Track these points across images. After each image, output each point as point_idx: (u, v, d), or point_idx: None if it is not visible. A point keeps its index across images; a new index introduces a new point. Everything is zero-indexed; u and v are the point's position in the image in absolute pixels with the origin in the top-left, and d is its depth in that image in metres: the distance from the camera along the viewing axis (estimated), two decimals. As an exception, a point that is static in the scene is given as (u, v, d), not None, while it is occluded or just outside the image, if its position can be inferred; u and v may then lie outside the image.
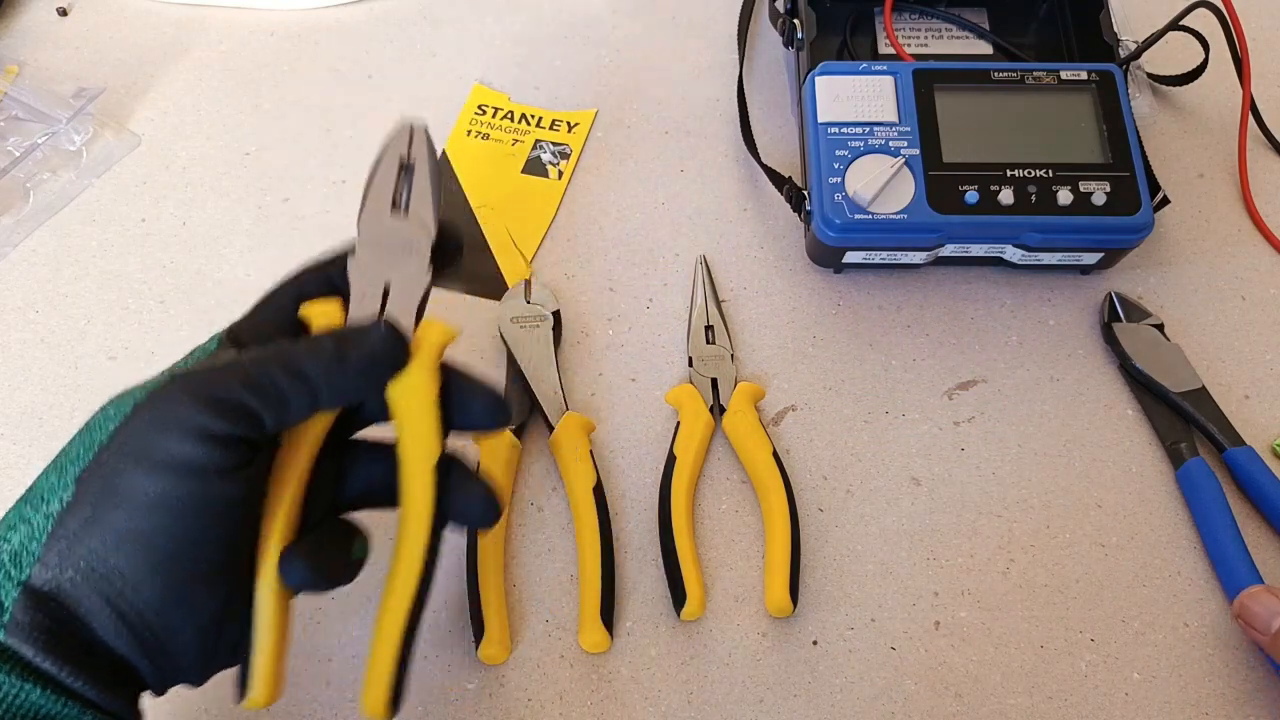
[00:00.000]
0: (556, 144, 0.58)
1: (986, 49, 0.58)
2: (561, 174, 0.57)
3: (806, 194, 0.50)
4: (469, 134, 0.58)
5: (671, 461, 0.47)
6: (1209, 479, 0.46)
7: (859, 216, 0.48)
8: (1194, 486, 0.46)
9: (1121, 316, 0.51)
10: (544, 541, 0.46)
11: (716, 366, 0.50)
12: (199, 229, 0.55)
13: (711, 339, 0.51)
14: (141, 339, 0.52)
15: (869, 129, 0.49)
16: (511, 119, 0.59)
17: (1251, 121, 0.57)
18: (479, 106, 0.59)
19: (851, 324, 0.52)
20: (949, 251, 0.50)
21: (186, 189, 0.56)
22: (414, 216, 0.36)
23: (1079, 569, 0.45)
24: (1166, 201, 0.51)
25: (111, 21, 0.63)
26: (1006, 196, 0.48)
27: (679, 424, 0.48)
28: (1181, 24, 0.54)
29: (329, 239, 0.53)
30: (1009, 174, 0.48)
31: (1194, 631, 0.44)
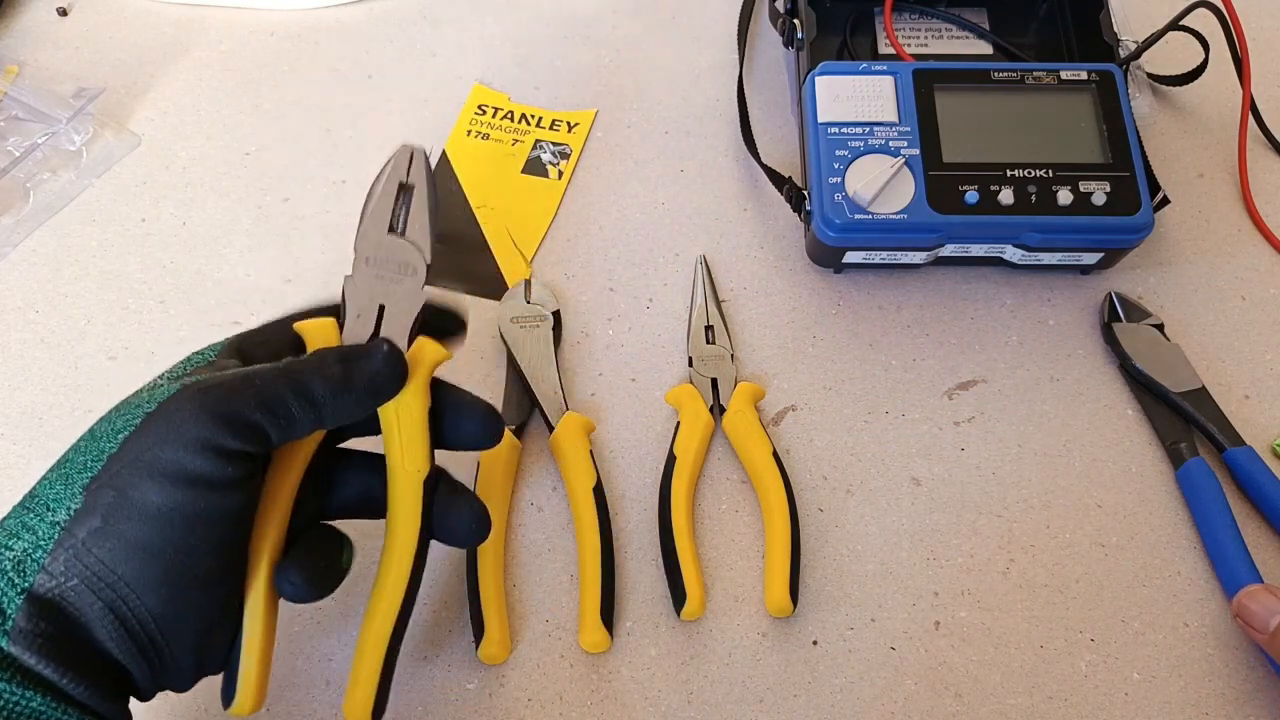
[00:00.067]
0: (556, 144, 0.58)
1: (986, 49, 0.58)
2: (561, 174, 0.57)
3: (806, 194, 0.50)
4: (469, 134, 0.58)
5: (671, 461, 0.47)
6: (1209, 479, 0.46)
7: (859, 216, 0.48)
8: (1194, 486, 0.46)
9: (1121, 316, 0.51)
10: (544, 541, 0.46)
11: (716, 366, 0.50)
12: (199, 229, 0.55)
13: (711, 339, 0.51)
14: (141, 339, 0.52)
15: (869, 129, 0.49)
16: (511, 119, 0.59)
17: (1251, 121, 0.57)
18: (479, 106, 0.59)
19: (851, 324, 0.52)
20: (949, 251, 0.50)
21: (186, 189, 0.56)
22: (410, 238, 0.37)
23: (1079, 569, 0.45)
24: (1166, 201, 0.51)
25: (111, 21, 0.63)
26: (1006, 196, 0.48)
27: (679, 424, 0.48)
28: (1181, 24, 0.54)
29: (329, 239, 0.54)
30: (1009, 174, 0.48)
31: (1194, 631, 0.44)
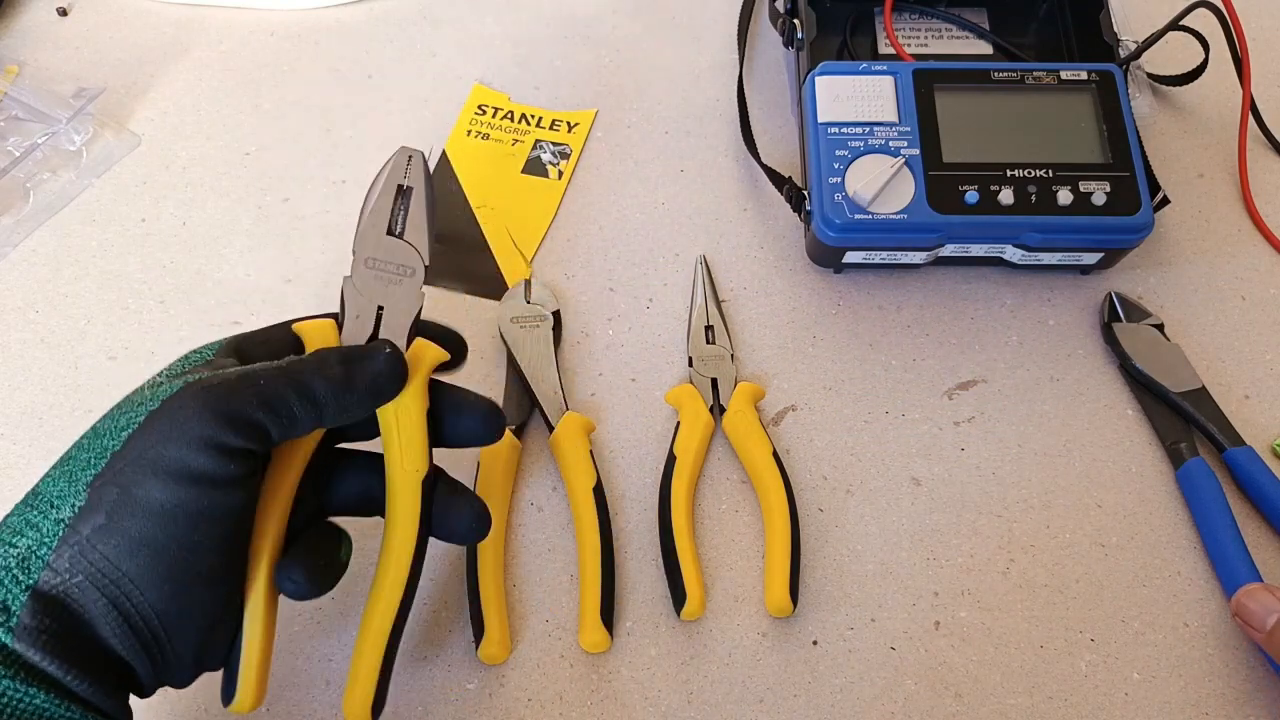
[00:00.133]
0: (556, 144, 0.58)
1: (986, 49, 0.58)
2: (561, 174, 0.57)
3: (806, 194, 0.50)
4: (469, 134, 0.58)
5: (671, 461, 0.47)
6: (1209, 479, 0.46)
7: (859, 216, 0.48)
8: (1194, 486, 0.46)
9: (1121, 316, 0.51)
10: (544, 541, 0.46)
11: (716, 366, 0.50)
12: (199, 229, 0.55)
13: (711, 339, 0.51)
14: (141, 339, 0.52)
15: (869, 129, 0.49)
16: (511, 119, 0.59)
17: (1251, 121, 0.57)
18: (479, 106, 0.59)
19: (851, 324, 0.52)
20: (949, 251, 0.50)
21: (186, 189, 0.56)
22: (409, 240, 0.38)
23: (1079, 569, 0.45)
24: (1166, 201, 0.51)
25: (111, 21, 0.63)
26: (1006, 196, 0.48)
27: (679, 424, 0.48)
28: (1181, 24, 0.54)
29: (329, 239, 0.54)
30: (1009, 174, 0.48)
31: (1194, 631, 0.44)
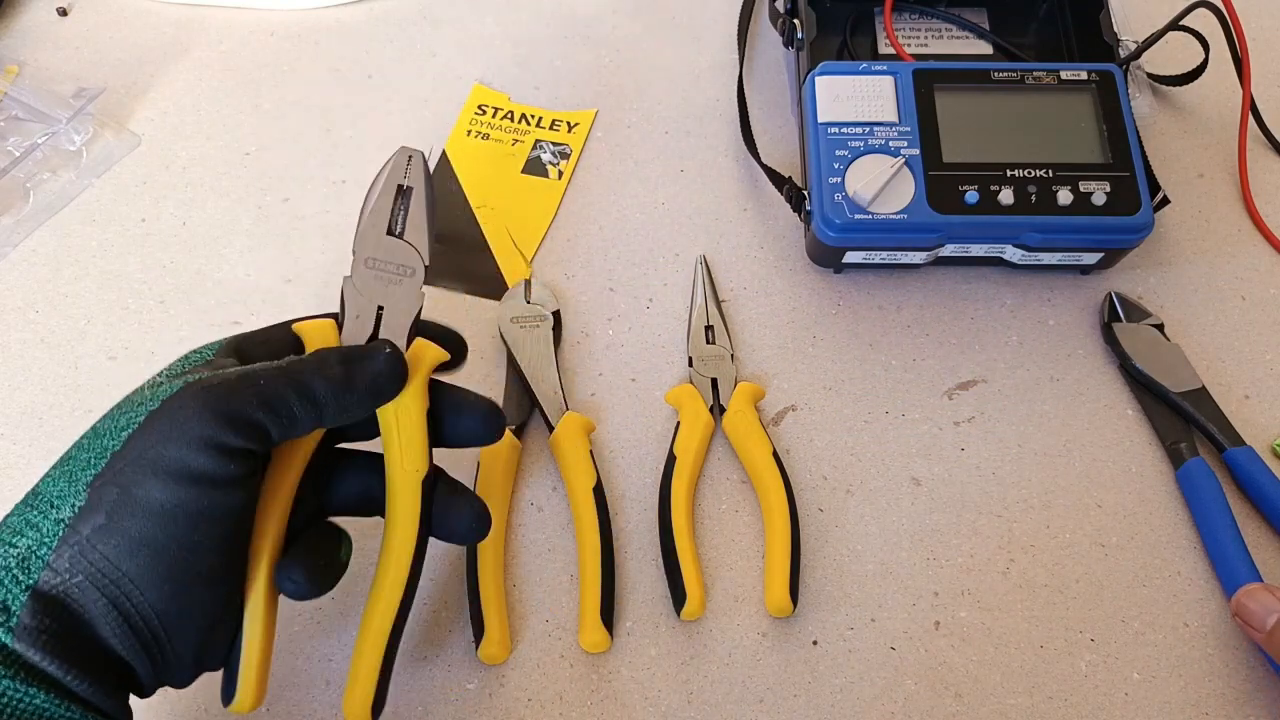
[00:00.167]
0: (556, 144, 0.58)
1: (986, 49, 0.58)
2: (561, 174, 0.57)
3: (806, 194, 0.50)
4: (469, 134, 0.58)
5: (671, 461, 0.47)
6: (1209, 479, 0.46)
7: (859, 216, 0.48)
8: (1194, 486, 0.46)
9: (1121, 316, 0.51)
10: (544, 541, 0.46)
11: (716, 366, 0.50)
12: (199, 229, 0.55)
13: (711, 339, 0.51)
14: (141, 339, 0.52)
15: (869, 129, 0.49)
16: (511, 119, 0.59)
17: (1251, 121, 0.57)
18: (479, 106, 0.59)
19: (851, 324, 0.52)
20: (949, 251, 0.50)
21: (186, 189, 0.56)
22: (409, 240, 0.38)
23: (1079, 569, 0.45)
24: (1166, 201, 0.51)
25: (111, 21, 0.63)
26: (1006, 196, 0.48)
27: (679, 424, 0.48)
28: (1181, 24, 0.54)
29: (329, 239, 0.54)
30: (1009, 174, 0.48)
31: (1194, 631, 0.44)
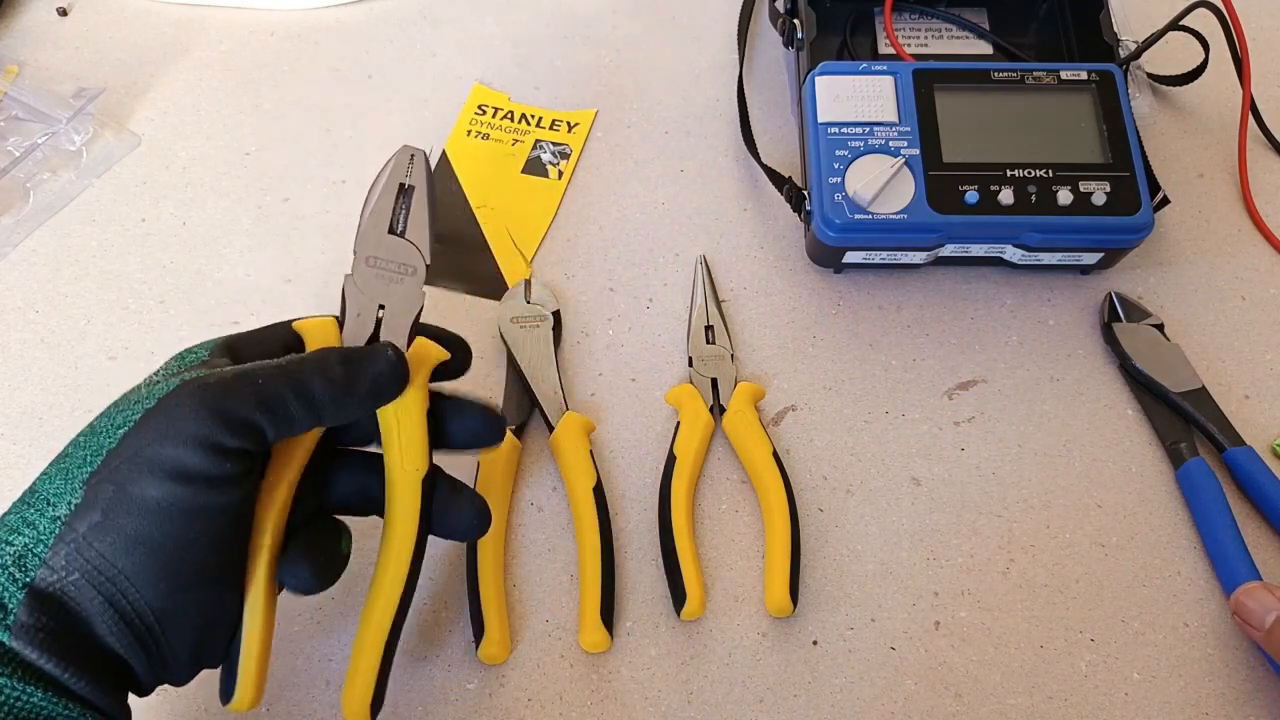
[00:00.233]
0: (556, 144, 0.58)
1: (986, 49, 0.58)
2: (561, 174, 0.57)
3: (806, 194, 0.50)
4: (469, 134, 0.58)
5: (671, 461, 0.47)
6: (1209, 479, 0.46)
7: (859, 216, 0.48)
8: (1194, 486, 0.46)
9: (1121, 316, 0.51)
10: (544, 541, 0.46)
11: (716, 366, 0.50)
12: (199, 229, 0.55)
13: (711, 339, 0.51)
14: (141, 339, 0.52)
15: (869, 129, 0.49)
16: (511, 119, 0.59)
17: (1251, 121, 0.57)
18: (479, 106, 0.59)
19: (851, 324, 0.52)
20: (949, 251, 0.50)
21: (186, 189, 0.56)
22: (410, 239, 0.38)
23: (1079, 569, 0.45)
24: (1166, 201, 0.51)
25: (111, 21, 0.63)
26: (1006, 196, 0.48)
27: (679, 424, 0.48)
28: (1181, 24, 0.54)
29: (329, 239, 0.54)
30: (1009, 174, 0.48)
31: (1194, 631, 0.44)
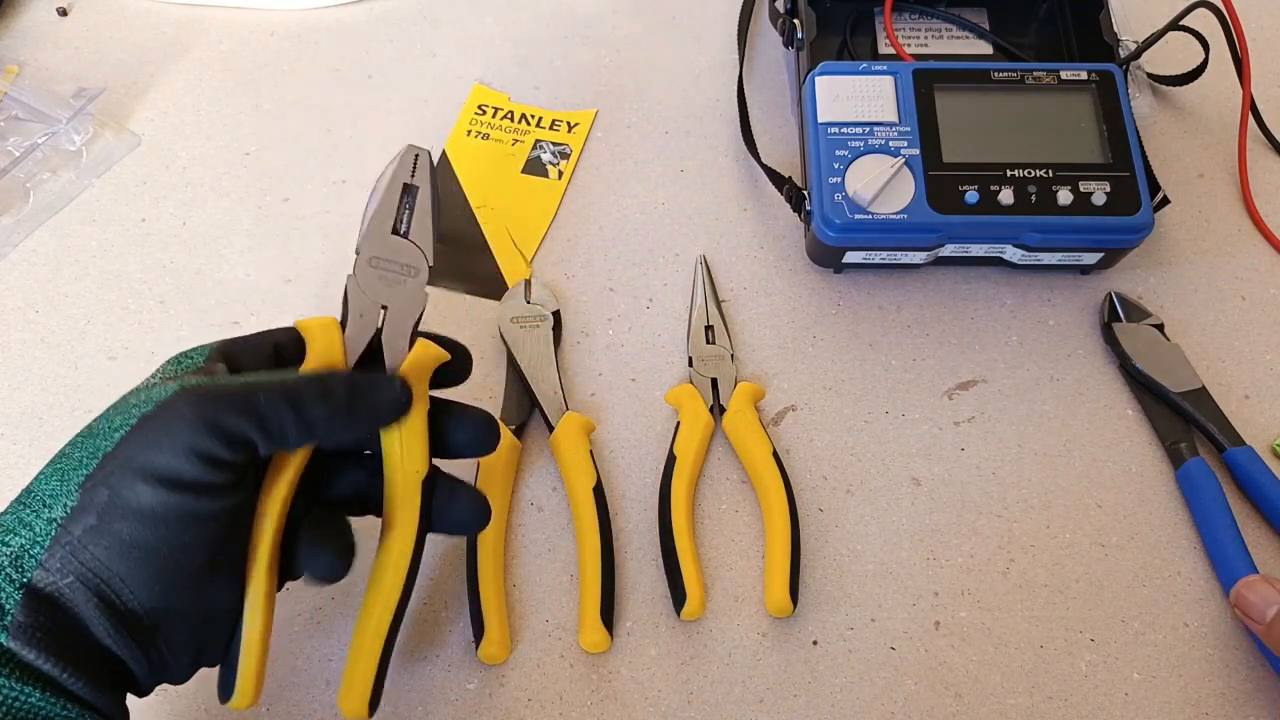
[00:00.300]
0: (556, 144, 0.58)
1: (986, 49, 0.58)
2: (561, 174, 0.57)
3: (806, 194, 0.50)
4: (469, 134, 0.58)
5: (671, 461, 0.47)
6: (1209, 479, 0.46)
7: (859, 216, 0.48)
8: (1194, 486, 0.46)
9: (1121, 316, 0.51)
10: (544, 541, 0.46)
11: (716, 366, 0.50)
12: (199, 229, 0.55)
13: (711, 339, 0.51)
14: (141, 339, 0.52)
15: (869, 129, 0.49)
16: (511, 119, 0.59)
17: (1251, 121, 0.57)
18: (479, 106, 0.59)
19: (851, 324, 0.52)
20: (949, 251, 0.50)
21: (186, 189, 0.56)
22: (413, 239, 0.38)
23: (1079, 569, 0.45)
24: (1166, 201, 0.51)
25: (111, 21, 0.63)
26: (1006, 196, 0.48)
27: (679, 424, 0.48)
28: (1181, 24, 0.54)
29: (329, 239, 0.54)
30: (1009, 174, 0.48)
31: (1194, 631, 0.44)
